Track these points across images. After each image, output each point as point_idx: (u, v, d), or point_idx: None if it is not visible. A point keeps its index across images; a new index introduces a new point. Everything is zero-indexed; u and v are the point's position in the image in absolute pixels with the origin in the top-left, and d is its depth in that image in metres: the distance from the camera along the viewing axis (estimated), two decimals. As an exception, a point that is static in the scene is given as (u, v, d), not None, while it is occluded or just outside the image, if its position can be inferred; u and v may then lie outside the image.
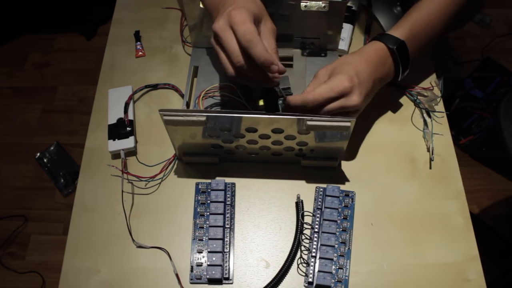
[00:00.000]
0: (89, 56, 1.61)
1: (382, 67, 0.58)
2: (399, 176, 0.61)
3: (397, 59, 0.58)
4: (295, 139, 0.55)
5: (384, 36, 0.59)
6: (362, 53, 0.58)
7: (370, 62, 0.56)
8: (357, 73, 0.54)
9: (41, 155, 1.40)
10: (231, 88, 0.62)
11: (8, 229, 1.30)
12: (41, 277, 1.23)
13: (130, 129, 0.63)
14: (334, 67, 0.56)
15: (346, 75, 0.53)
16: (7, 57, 1.62)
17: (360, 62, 0.56)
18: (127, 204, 0.59)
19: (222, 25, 0.49)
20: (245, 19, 0.49)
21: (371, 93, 0.57)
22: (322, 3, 0.60)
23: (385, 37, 0.58)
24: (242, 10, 0.49)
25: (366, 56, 0.57)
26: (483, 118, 1.35)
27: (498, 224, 1.26)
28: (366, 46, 0.59)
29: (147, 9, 0.77)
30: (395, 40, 0.58)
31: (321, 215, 0.56)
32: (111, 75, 0.70)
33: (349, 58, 0.57)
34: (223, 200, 0.57)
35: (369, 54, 0.57)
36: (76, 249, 0.57)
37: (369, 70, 0.55)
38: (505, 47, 1.58)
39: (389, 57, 0.58)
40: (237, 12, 0.49)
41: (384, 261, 0.55)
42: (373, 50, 0.58)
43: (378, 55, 0.57)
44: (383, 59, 0.58)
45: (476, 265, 0.55)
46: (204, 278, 0.54)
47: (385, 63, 0.58)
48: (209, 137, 0.55)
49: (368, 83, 0.55)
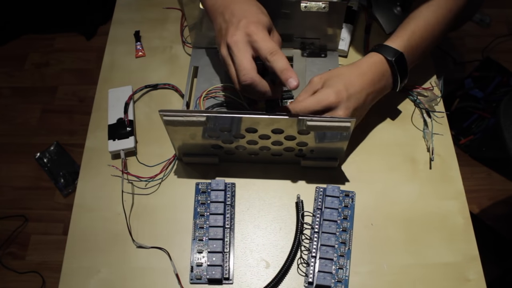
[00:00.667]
0: (89, 56, 1.61)
1: (380, 80, 0.57)
2: (399, 176, 0.61)
3: (396, 71, 0.58)
4: (295, 140, 0.55)
5: (382, 47, 0.58)
6: (358, 65, 0.58)
7: (364, 75, 0.56)
8: (347, 87, 0.54)
9: (41, 155, 1.40)
10: (232, 89, 0.62)
11: (8, 229, 1.30)
12: (41, 277, 1.23)
13: (130, 129, 0.63)
14: (328, 78, 0.56)
15: (334, 89, 0.53)
16: (7, 57, 1.62)
17: (354, 75, 0.56)
18: (127, 204, 0.59)
19: (239, 39, 0.49)
20: (266, 36, 0.49)
21: (363, 106, 0.57)
22: (322, 4, 0.60)
23: (384, 49, 0.58)
24: (259, 26, 0.50)
25: (361, 69, 0.57)
26: (483, 118, 1.35)
27: (498, 224, 1.26)
28: (364, 59, 0.59)
29: (147, 9, 0.77)
30: (394, 52, 0.57)
31: (321, 215, 0.56)
32: (111, 75, 0.70)
33: (343, 69, 0.57)
34: (223, 200, 0.57)
35: (365, 67, 0.57)
36: (76, 249, 0.57)
37: (362, 84, 0.55)
38: (505, 47, 1.58)
39: (388, 69, 0.58)
40: (256, 29, 0.49)
41: (384, 261, 0.55)
42: (371, 63, 0.58)
43: (376, 68, 0.57)
44: (381, 72, 0.57)
45: (476, 265, 0.55)
46: (204, 278, 0.54)
47: (383, 75, 0.58)
48: (209, 138, 0.55)
49: (359, 97, 0.55)
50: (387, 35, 0.73)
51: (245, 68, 0.49)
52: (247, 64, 0.49)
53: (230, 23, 0.51)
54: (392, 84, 0.59)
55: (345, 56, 0.70)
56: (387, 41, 0.59)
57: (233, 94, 0.62)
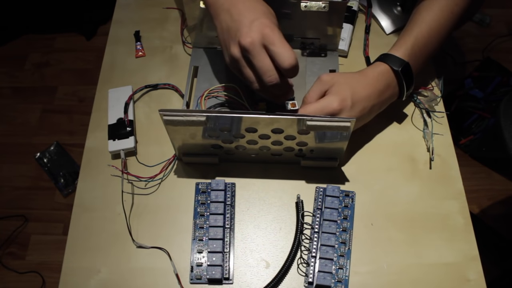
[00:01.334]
0: (89, 56, 1.61)
1: (386, 90, 0.58)
2: (399, 176, 0.61)
3: (402, 81, 0.58)
4: (295, 139, 0.55)
5: (388, 57, 0.58)
6: (366, 74, 0.58)
7: (371, 85, 0.56)
8: (353, 95, 0.54)
9: (41, 155, 1.40)
10: (234, 89, 0.62)
11: (8, 229, 1.30)
12: (41, 277, 1.23)
13: (130, 129, 0.63)
14: (335, 82, 0.56)
15: (339, 96, 0.54)
16: (7, 57, 1.62)
17: (361, 85, 0.56)
18: (127, 204, 0.59)
19: (255, 41, 0.49)
20: (282, 38, 0.50)
21: (368, 114, 0.57)
22: (322, 3, 0.60)
23: (389, 58, 0.58)
24: (274, 28, 0.50)
25: (368, 79, 0.57)
26: (483, 118, 1.34)
27: (498, 224, 1.26)
28: (370, 68, 0.59)
29: (147, 9, 0.77)
30: (400, 62, 0.57)
31: (321, 215, 0.56)
32: (111, 75, 0.70)
33: (350, 78, 0.57)
34: (223, 200, 0.57)
35: (371, 77, 0.57)
36: (76, 249, 0.57)
37: (368, 93, 0.56)
38: (505, 47, 1.58)
39: (394, 79, 0.58)
40: (271, 31, 0.49)
41: (384, 261, 0.55)
42: (377, 73, 0.58)
43: (382, 78, 0.57)
44: (387, 82, 0.58)
45: (476, 265, 0.55)
46: (204, 278, 0.54)
47: (389, 86, 0.58)
48: (209, 137, 0.55)
49: (364, 105, 0.55)
50: (387, 35, 0.73)
51: (270, 69, 0.50)
52: (270, 65, 0.50)
53: (240, 23, 0.50)
54: (399, 93, 0.60)
55: (345, 56, 0.70)
56: (392, 50, 0.59)
57: (234, 94, 0.62)
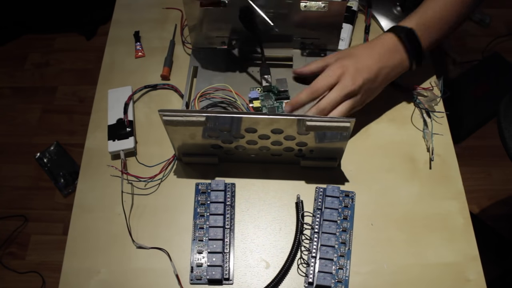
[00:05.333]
0: (89, 56, 1.61)
1: (390, 55, 0.59)
2: (399, 176, 0.61)
3: (407, 47, 0.59)
4: (294, 140, 0.55)
5: (393, 27, 0.61)
6: (369, 43, 0.61)
7: (373, 50, 0.60)
8: (356, 61, 0.58)
9: (41, 155, 1.40)
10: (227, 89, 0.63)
11: (8, 229, 1.30)
12: (41, 277, 1.23)
13: (129, 130, 0.63)
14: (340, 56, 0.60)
15: (339, 63, 0.58)
16: (7, 57, 1.62)
17: (364, 52, 0.59)
18: (127, 204, 0.59)
19: None
20: None
21: (376, 80, 0.59)
22: (321, 3, 0.60)
23: (394, 28, 0.61)
24: None
25: (371, 46, 0.61)
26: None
27: (498, 224, 1.26)
28: (375, 38, 0.62)
29: (147, 9, 0.77)
30: (403, 29, 0.59)
31: (321, 216, 0.56)
32: (111, 75, 0.70)
33: (355, 48, 0.61)
34: (223, 201, 0.57)
35: (374, 43, 0.61)
36: (76, 250, 0.57)
37: (372, 58, 0.59)
38: (505, 47, 1.58)
39: (399, 45, 0.60)
40: None
41: (384, 261, 0.55)
42: (380, 40, 0.61)
43: (386, 43, 0.60)
44: (391, 47, 0.60)
45: (476, 265, 0.55)
46: (204, 279, 0.54)
47: (394, 52, 0.60)
48: (209, 138, 0.55)
49: (370, 70, 0.58)
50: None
51: None
52: None
53: None
54: (408, 61, 0.60)
55: (345, 56, 0.70)
56: (400, 22, 0.61)
57: (227, 95, 0.63)
